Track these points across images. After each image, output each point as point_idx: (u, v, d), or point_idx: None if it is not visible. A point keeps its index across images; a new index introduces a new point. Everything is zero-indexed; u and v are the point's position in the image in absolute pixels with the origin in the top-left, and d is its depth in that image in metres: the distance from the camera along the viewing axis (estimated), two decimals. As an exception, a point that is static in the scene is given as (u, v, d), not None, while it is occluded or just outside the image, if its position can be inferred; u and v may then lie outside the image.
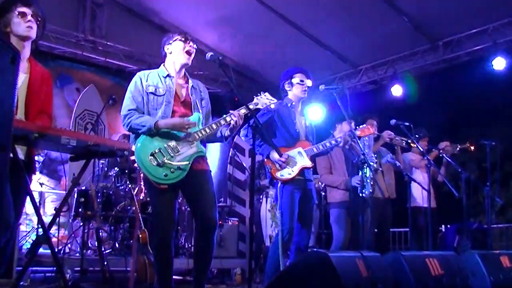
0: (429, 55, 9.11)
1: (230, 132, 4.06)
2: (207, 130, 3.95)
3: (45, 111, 3.44)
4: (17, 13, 3.29)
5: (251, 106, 4.17)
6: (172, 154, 3.81)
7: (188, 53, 4.07)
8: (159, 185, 3.77)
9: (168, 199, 3.88)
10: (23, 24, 3.28)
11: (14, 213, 3.00)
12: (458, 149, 7.14)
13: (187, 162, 3.84)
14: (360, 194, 5.56)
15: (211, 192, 3.93)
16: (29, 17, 3.31)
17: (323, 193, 7.01)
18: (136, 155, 3.82)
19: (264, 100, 4.26)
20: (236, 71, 10.41)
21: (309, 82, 5.04)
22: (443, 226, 8.44)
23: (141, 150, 3.82)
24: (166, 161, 3.78)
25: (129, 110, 3.90)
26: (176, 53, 4.06)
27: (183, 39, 4.04)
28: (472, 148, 7.18)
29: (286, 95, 5.10)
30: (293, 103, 5.04)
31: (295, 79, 5.01)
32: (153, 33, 9.68)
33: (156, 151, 3.79)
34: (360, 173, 5.50)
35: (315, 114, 9.57)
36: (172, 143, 3.85)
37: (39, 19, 3.38)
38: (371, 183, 5.38)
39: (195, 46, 4.12)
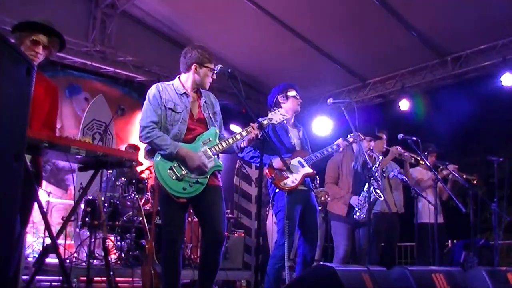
0: (437, 70, 9.14)
1: (248, 143, 4.09)
2: (224, 145, 3.98)
3: (49, 125, 3.47)
4: (31, 39, 3.33)
5: (265, 122, 4.18)
6: (190, 169, 3.84)
7: (210, 82, 4.13)
8: (178, 199, 3.78)
9: (180, 212, 3.90)
10: (30, 51, 3.32)
11: (19, 222, 3.02)
12: (463, 177, 7.12)
13: (206, 177, 3.87)
14: (354, 216, 5.57)
15: (221, 207, 3.95)
16: (40, 47, 3.35)
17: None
18: (155, 169, 3.85)
19: (278, 115, 4.26)
20: (244, 83, 10.42)
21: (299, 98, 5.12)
22: (449, 241, 8.40)
23: (160, 163, 3.84)
24: (185, 175, 3.80)
25: (150, 122, 3.88)
26: (201, 78, 4.07)
27: (212, 70, 4.06)
28: (475, 182, 7.18)
29: (278, 108, 5.09)
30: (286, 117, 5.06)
31: (291, 93, 5.04)
32: (162, 44, 9.79)
33: (175, 165, 3.82)
34: (362, 195, 5.51)
35: (323, 127, 9.58)
36: None
37: (52, 49, 3.42)
38: (367, 207, 5.36)
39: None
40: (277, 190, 4.79)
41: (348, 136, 5.16)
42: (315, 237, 4.89)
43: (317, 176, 7.52)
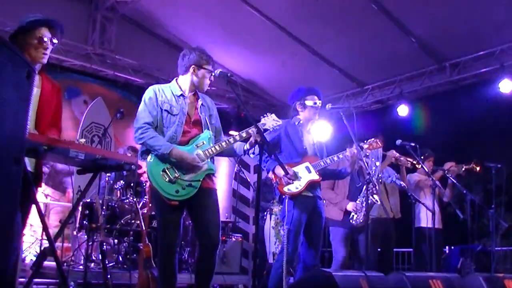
0: (435, 76, 9.14)
1: (249, 146, 4.03)
2: (217, 148, 3.97)
3: (56, 125, 3.48)
4: (37, 36, 3.32)
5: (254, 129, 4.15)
6: (183, 171, 3.84)
7: (208, 84, 4.14)
8: (170, 202, 3.78)
9: (175, 215, 3.90)
10: (41, 50, 3.31)
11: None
12: (463, 169, 7.12)
13: (198, 180, 3.87)
14: (351, 221, 5.57)
15: (215, 210, 3.96)
16: (47, 42, 3.34)
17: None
18: (148, 170, 3.85)
19: (270, 121, 4.23)
20: (242, 88, 10.47)
21: (320, 103, 5.03)
22: (447, 247, 8.40)
23: (153, 165, 3.84)
24: (178, 177, 3.80)
25: (144, 123, 3.91)
26: (199, 79, 4.08)
27: (211, 72, 4.07)
28: (478, 168, 7.15)
29: (296, 114, 5.07)
30: (301, 122, 5.03)
31: (309, 102, 4.96)
32: (162, 47, 9.79)
33: (168, 167, 3.82)
34: (359, 200, 5.51)
35: (321, 132, 9.56)
36: None
37: (55, 42, 3.42)
38: (363, 212, 5.34)
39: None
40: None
41: (364, 142, 5.13)
42: (318, 245, 4.86)
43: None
